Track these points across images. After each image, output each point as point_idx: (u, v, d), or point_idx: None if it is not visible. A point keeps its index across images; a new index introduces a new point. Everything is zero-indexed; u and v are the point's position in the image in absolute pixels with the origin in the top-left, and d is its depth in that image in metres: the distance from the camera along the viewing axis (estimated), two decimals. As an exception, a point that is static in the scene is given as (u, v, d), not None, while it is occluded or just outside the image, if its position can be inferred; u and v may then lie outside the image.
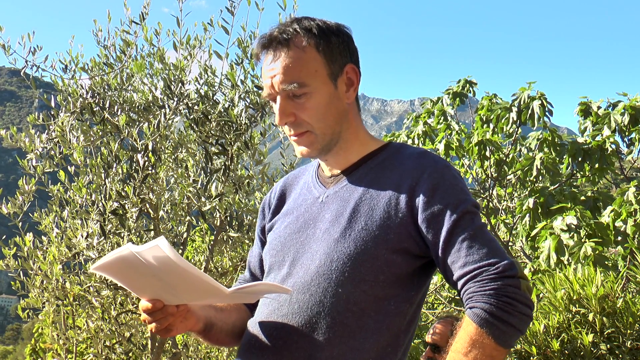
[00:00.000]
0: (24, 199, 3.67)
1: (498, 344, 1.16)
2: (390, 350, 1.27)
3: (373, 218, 1.28)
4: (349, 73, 1.37)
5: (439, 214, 1.25)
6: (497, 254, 1.21)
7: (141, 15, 3.88)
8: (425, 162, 1.32)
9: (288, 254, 1.36)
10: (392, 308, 1.27)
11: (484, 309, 1.17)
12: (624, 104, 6.32)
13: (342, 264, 1.26)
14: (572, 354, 3.40)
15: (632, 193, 5.41)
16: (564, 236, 4.85)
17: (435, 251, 1.26)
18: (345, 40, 1.39)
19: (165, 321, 1.27)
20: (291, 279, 1.32)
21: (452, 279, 1.24)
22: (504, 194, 7.49)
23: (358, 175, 1.37)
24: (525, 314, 1.19)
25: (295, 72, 1.31)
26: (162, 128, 3.60)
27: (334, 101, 1.35)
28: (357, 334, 1.25)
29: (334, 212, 1.33)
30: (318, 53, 1.33)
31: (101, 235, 3.55)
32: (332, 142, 1.37)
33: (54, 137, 3.79)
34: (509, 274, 1.19)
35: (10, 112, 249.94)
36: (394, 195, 1.29)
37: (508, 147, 6.98)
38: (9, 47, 3.61)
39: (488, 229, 1.28)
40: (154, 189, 3.73)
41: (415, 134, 7.50)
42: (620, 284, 3.64)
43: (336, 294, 1.25)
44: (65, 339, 4.14)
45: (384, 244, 1.26)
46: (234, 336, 1.45)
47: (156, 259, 1.13)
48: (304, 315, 1.26)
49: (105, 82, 3.87)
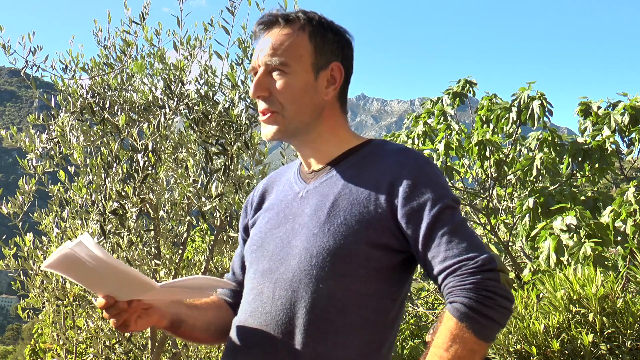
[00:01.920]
0: (24, 199, 3.67)
1: (478, 338, 1.16)
2: (375, 347, 1.27)
3: (352, 213, 1.28)
4: (333, 70, 1.39)
5: (419, 209, 1.25)
6: (476, 248, 1.22)
7: (141, 15, 3.88)
8: (405, 158, 1.32)
9: (268, 249, 1.36)
10: (375, 304, 1.27)
11: (463, 303, 1.17)
12: (624, 104, 6.32)
13: (322, 259, 1.26)
14: (572, 354, 3.40)
15: (632, 193, 5.41)
16: (564, 236, 4.85)
17: (416, 246, 1.26)
18: (341, 41, 1.41)
19: (120, 317, 1.28)
20: (272, 274, 1.32)
21: (433, 274, 1.24)
22: (504, 194, 7.49)
23: (338, 171, 1.37)
24: (505, 307, 1.18)
25: (282, 50, 1.34)
26: (162, 128, 3.60)
27: (310, 91, 1.36)
28: (340, 330, 1.25)
29: (314, 206, 1.33)
30: (309, 41, 1.36)
31: (101, 235, 3.55)
32: (298, 130, 1.38)
33: (54, 137, 3.80)
34: (488, 267, 1.19)
35: (10, 112, 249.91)
36: (374, 190, 1.29)
37: (508, 147, 6.98)
38: (9, 47, 3.62)
39: (468, 224, 1.30)
40: (154, 189, 3.73)
41: (415, 134, 7.50)
42: (620, 284, 3.64)
43: (318, 290, 1.25)
44: (65, 339, 4.14)
45: (364, 239, 1.26)
46: (209, 333, 1.46)
47: (86, 254, 1.15)
48: (287, 312, 1.26)
49: (106, 82, 3.88)
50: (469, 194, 7.70)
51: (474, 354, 1.16)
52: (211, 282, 1.34)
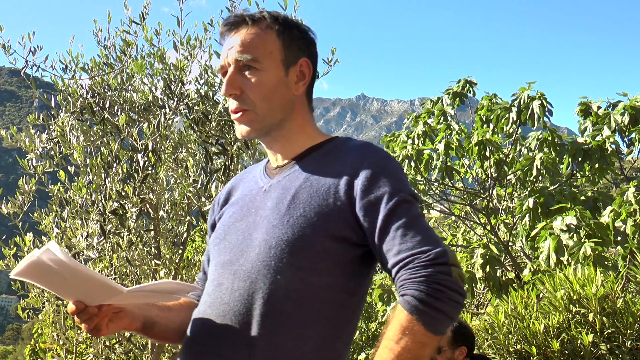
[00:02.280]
0: (24, 199, 3.67)
1: (428, 330, 1.16)
2: (330, 340, 1.28)
3: (312, 205, 1.29)
4: (302, 66, 1.41)
5: (376, 202, 1.26)
6: (430, 242, 1.22)
7: (141, 15, 3.88)
8: (366, 153, 1.34)
9: (229, 241, 1.38)
10: (332, 297, 1.28)
11: (414, 296, 1.17)
12: (624, 104, 6.32)
13: (280, 250, 1.27)
14: (572, 354, 3.40)
15: (632, 193, 5.41)
16: (564, 236, 4.85)
17: (372, 239, 1.27)
18: (308, 39, 1.44)
19: (91, 322, 1.29)
20: (232, 266, 1.33)
21: (387, 267, 1.25)
22: (504, 194, 7.49)
23: (301, 165, 1.39)
24: (456, 300, 1.19)
25: (252, 47, 1.36)
26: (162, 128, 3.60)
27: (281, 87, 1.38)
28: (296, 322, 1.25)
29: (275, 200, 1.35)
30: (277, 37, 1.38)
31: (101, 235, 3.55)
32: (271, 126, 1.40)
33: (54, 137, 3.80)
34: (441, 261, 1.19)
35: (10, 112, 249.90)
36: (334, 184, 1.31)
37: (508, 147, 6.98)
38: (9, 47, 3.61)
39: (425, 219, 1.29)
40: (154, 189, 3.74)
41: (415, 134, 7.50)
42: (620, 284, 3.64)
43: (275, 281, 1.26)
44: (65, 339, 4.14)
45: (322, 231, 1.27)
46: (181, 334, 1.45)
47: (53, 262, 1.16)
48: (244, 303, 1.27)
49: (106, 82, 3.88)
50: (469, 194, 7.70)
51: (423, 346, 1.17)
52: (178, 286, 1.35)
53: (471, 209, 8.06)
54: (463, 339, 3.06)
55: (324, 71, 3.93)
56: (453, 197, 8.41)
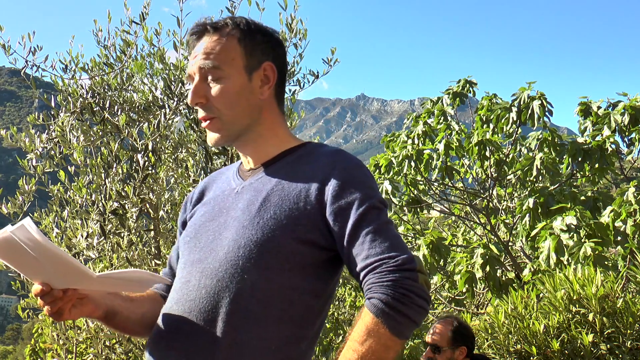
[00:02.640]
0: (24, 199, 3.67)
1: (393, 334, 1.19)
2: (294, 341, 1.30)
3: (282, 208, 1.32)
4: (266, 70, 1.43)
5: (346, 207, 1.29)
6: (398, 248, 1.25)
7: (141, 15, 3.88)
8: (337, 159, 1.36)
9: (200, 240, 1.40)
10: (297, 298, 1.30)
11: (380, 299, 1.20)
12: (624, 104, 6.32)
13: (248, 250, 1.29)
14: (572, 354, 3.40)
15: (632, 193, 5.42)
16: (564, 236, 4.85)
17: (341, 244, 1.30)
18: (271, 42, 1.45)
19: (54, 305, 1.30)
20: (201, 264, 1.35)
21: (355, 271, 1.28)
22: (504, 194, 7.49)
23: (274, 169, 1.42)
24: (421, 306, 1.22)
25: (213, 54, 1.39)
26: (162, 128, 3.60)
27: (246, 93, 1.40)
28: (261, 321, 1.27)
29: (247, 201, 1.37)
30: (239, 44, 1.40)
31: (101, 235, 3.55)
32: (239, 132, 1.42)
33: (54, 137, 3.79)
34: (408, 267, 1.22)
35: (10, 112, 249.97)
36: (305, 188, 1.33)
37: (508, 147, 6.98)
38: (9, 47, 3.61)
39: (394, 226, 1.33)
40: (154, 189, 3.74)
41: (415, 134, 7.51)
42: (620, 284, 3.64)
43: (242, 280, 1.28)
44: (65, 339, 4.14)
45: (291, 234, 1.29)
46: (143, 326, 1.48)
47: (27, 238, 1.15)
48: (210, 301, 1.29)
49: (105, 82, 3.87)
50: (469, 194, 7.70)
51: (387, 349, 1.20)
52: (148, 276, 1.36)
53: (471, 209, 8.06)
54: (463, 339, 3.06)
55: (324, 71, 3.93)
56: (453, 197, 8.41)
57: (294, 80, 3.98)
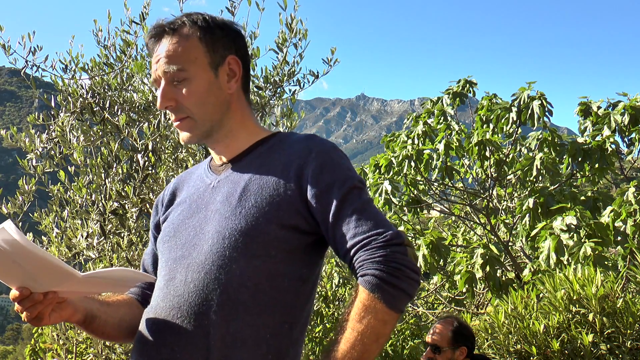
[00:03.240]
0: (24, 199, 3.66)
1: (389, 308, 1.21)
2: (287, 327, 1.30)
3: (263, 195, 1.33)
4: (231, 64, 1.43)
5: (327, 190, 1.31)
6: (384, 224, 1.28)
7: (141, 15, 3.88)
8: (312, 144, 1.38)
9: (180, 237, 1.40)
10: (286, 285, 1.31)
11: (374, 275, 1.21)
12: (624, 104, 6.32)
13: (234, 240, 1.30)
14: (572, 354, 3.40)
15: (632, 193, 5.42)
16: (564, 236, 4.86)
17: (325, 226, 1.31)
18: (231, 34, 1.45)
19: (34, 310, 1.27)
20: (185, 260, 1.35)
21: (342, 251, 1.29)
22: (504, 194, 7.49)
23: (248, 160, 1.43)
24: (413, 278, 1.24)
25: (176, 57, 1.38)
26: (162, 128, 3.60)
27: (214, 89, 1.41)
28: (252, 309, 1.27)
29: (225, 193, 1.38)
30: (200, 42, 1.40)
31: (101, 235, 3.55)
32: (213, 128, 1.43)
33: (54, 137, 3.79)
34: (396, 241, 1.25)
35: (10, 112, 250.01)
36: (283, 174, 1.35)
37: (508, 147, 6.98)
38: (9, 47, 3.61)
39: (374, 204, 1.35)
40: (154, 189, 3.74)
41: (415, 134, 7.51)
42: (620, 284, 3.64)
43: (230, 270, 1.28)
44: (65, 339, 4.14)
45: (274, 220, 1.30)
46: (120, 330, 1.46)
47: (6, 243, 1.12)
48: (199, 294, 1.29)
49: (106, 82, 3.88)
50: (469, 194, 7.70)
51: (385, 324, 1.21)
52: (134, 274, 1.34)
53: (471, 209, 8.06)
54: (463, 339, 3.06)
55: (324, 71, 3.93)
56: (453, 197, 8.41)
57: (294, 80, 3.99)
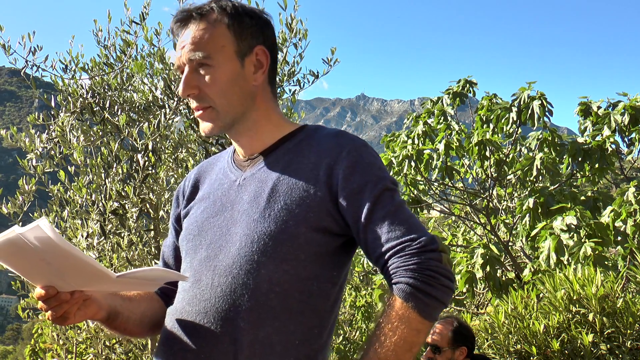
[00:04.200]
0: (24, 199, 3.67)
1: (423, 317, 1.17)
2: (317, 332, 1.26)
3: (292, 197, 1.27)
4: (258, 54, 1.37)
5: (359, 191, 1.25)
6: (417, 229, 1.23)
7: (141, 15, 3.88)
8: (342, 141, 1.32)
9: (205, 237, 1.35)
10: (315, 288, 1.27)
11: (408, 283, 1.17)
12: (624, 104, 6.32)
13: (263, 244, 1.25)
14: (572, 354, 3.40)
15: (632, 193, 5.42)
16: (564, 236, 4.85)
17: (356, 228, 1.26)
18: (260, 23, 1.38)
19: (60, 309, 1.23)
20: (210, 262, 1.30)
21: (374, 255, 1.24)
22: (504, 194, 7.49)
23: (275, 157, 1.36)
24: (448, 286, 1.19)
25: (203, 43, 1.32)
26: (162, 128, 3.60)
27: (239, 80, 1.35)
28: (281, 315, 1.23)
29: (252, 193, 1.32)
30: (228, 29, 1.34)
31: (101, 235, 3.55)
32: (235, 120, 1.37)
33: (54, 137, 3.80)
34: (431, 247, 1.20)
35: (10, 112, 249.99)
36: (313, 174, 1.29)
37: (508, 147, 6.98)
38: (9, 47, 3.61)
39: (407, 207, 1.29)
40: (154, 189, 3.74)
41: (415, 134, 7.51)
42: (620, 284, 3.64)
43: (259, 275, 1.24)
44: (65, 339, 4.14)
45: (304, 222, 1.25)
46: (142, 326, 1.43)
47: (39, 240, 1.09)
48: (227, 299, 1.25)
49: (106, 82, 3.88)
50: (469, 194, 7.70)
51: (418, 333, 1.17)
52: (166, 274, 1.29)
53: (471, 209, 8.06)
54: (463, 339, 3.06)
55: (324, 71, 3.93)
56: (453, 197, 8.41)
57: (294, 80, 3.99)
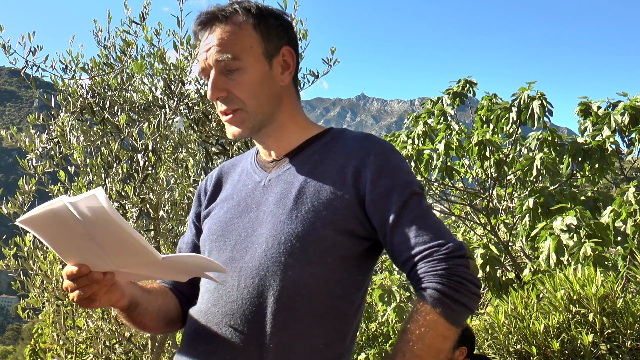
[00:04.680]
0: (24, 199, 3.67)
1: (450, 323, 1.16)
2: (340, 337, 1.26)
3: (320, 199, 1.27)
4: (285, 55, 1.36)
5: (386, 195, 1.25)
6: (445, 235, 1.22)
7: (141, 15, 3.88)
8: (370, 144, 1.31)
9: (230, 237, 1.34)
10: (340, 292, 1.26)
11: (436, 289, 1.17)
12: (624, 104, 6.32)
13: (290, 245, 1.24)
14: (572, 354, 3.40)
15: (632, 193, 5.42)
16: (564, 236, 4.85)
17: (383, 232, 1.25)
18: (284, 24, 1.38)
19: (89, 289, 1.17)
20: (236, 263, 1.29)
21: (401, 260, 1.24)
22: (504, 194, 7.49)
23: (301, 159, 1.35)
24: (475, 293, 1.19)
25: (230, 45, 1.31)
26: (162, 128, 3.60)
27: (267, 80, 1.34)
28: (306, 318, 1.22)
29: (278, 194, 1.31)
30: (254, 30, 1.33)
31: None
32: (264, 122, 1.36)
33: (54, 137, 3.79)
34: (458, 254, 1.20)
35: (10, 112, 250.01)
36: (340, 177, 1.28)
37: (508, 147, 6.98)
38: (9, 47, 3.61)
39: (434, 212, 1.29)
40: (154, 189, 3.73)
41: (415, 134, 7.51)
42: (620, 284, 3.64)
43: (285, 277, 1.23)
44: (65, 339, 4.14)
45: (331, 225, 1.25)
46: (157, 321, 1.41)
47: (91, 210, 1.03)
48: (253, 301, 1.24)
49: (106, 82, 3.88)
50: (469, 194, 7.70)
51: (445, 339, 1.17)
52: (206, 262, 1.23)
53: (471, 209, 8.06)
54: (463, 339, 3.06)
55: (324, 71, 3.93)
56: (453, 197, 8.41)
57: (294, 80, 3.99)
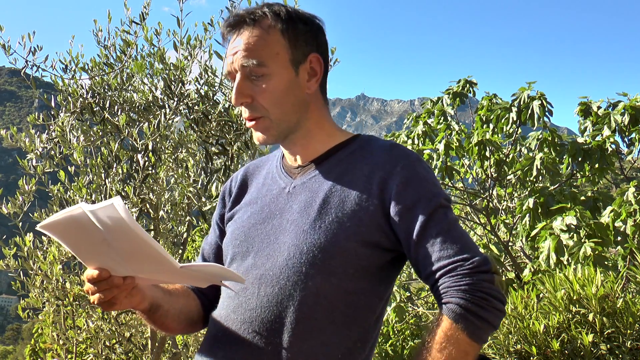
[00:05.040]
0: (24, 199, 3.67)
1: (472, 339, 1.15)
2: (360, 346, 1.25)
3: (344, 210, 1.25)
4: (312, 62, 1.34)
5: (412, 207, 1.23)
6: (470, 249, 1.20)
7: (141, 15, 3.88)
8: (397, 155, 1.30)
9: (252, 244, 1.33)
10: (362, 303, 1.25)
11: (459, 304, 1.15)
12: (624, 104, 6.32)
13: (312, 256, 1.23)
14: (572, 354, 3.40)
15: (632, 193, 5.42)
16: (564, 236, 4.85)
17: (408, 245, 1.24)
18: (313, 30, 1.35)
19: (109, 293, 1.19)
20: (257, 270, 1.29)
21: (425, 273, 1.23)
22: (504, 194, 7.49)
23: (327, 167, 1.34)
24: (499, 309, 1.17)
25: (257, 50, 1.29)
26: (162, 128, 3.60)
27: (293, 88, 1.31)
28: (326, 328, 1.22)
29: (302, 203, 1.30)
30: (282, 36, 1.30)
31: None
32: (289, 130, 1.34)
33: (54, 137, 3.79)
34: (483, 269, 1.18)
35: (10, 112, 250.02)
36: (366, 188, 1.27)
37: (508, 147, 6.98)
38: (9, 47, 3.61)
39: (460, 224, 1.27)
40: (154, 189, 3.73)
41: (415, 134, 7.51)
42: (620, 284, 3.64)
43: (306, 287, 1.22)
44: (65, 339, 4.14)
45: (355, 237, 1.23)
46: (179, 322, 1.41)
47: (109, 219, 1.06)
48: (273, 310, 1.23)
49: (106, 82, 3.88)
50: (469, 194, 7.70)
51: (466, 355, 1.15)
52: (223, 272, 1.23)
53: (471, 209, 8.06)
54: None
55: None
56: (453, 197, 8.41)
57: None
